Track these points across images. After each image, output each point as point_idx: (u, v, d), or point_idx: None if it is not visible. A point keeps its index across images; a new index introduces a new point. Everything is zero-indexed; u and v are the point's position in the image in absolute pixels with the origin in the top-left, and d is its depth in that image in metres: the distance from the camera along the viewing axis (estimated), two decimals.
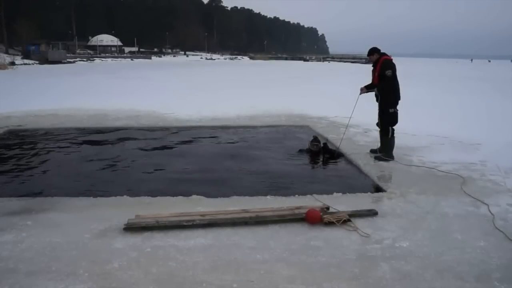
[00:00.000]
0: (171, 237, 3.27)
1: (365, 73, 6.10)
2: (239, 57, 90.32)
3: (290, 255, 3.04)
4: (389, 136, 5.69)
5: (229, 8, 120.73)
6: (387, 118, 5.63)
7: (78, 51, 67.54)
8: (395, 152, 5.80)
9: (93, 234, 3.32)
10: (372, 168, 5.42)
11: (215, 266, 2.86)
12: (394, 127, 5.71)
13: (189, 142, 7.30)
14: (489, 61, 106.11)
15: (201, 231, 3.38)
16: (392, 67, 5.53)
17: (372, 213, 3.80)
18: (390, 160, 5.62)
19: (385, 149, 5.75)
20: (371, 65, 5.89)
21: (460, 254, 3.09)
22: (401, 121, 5.74)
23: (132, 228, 3.38)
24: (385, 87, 5.53)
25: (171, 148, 6.86)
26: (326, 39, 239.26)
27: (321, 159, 6.10)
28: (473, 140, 7.14)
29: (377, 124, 5.89)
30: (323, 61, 79.95)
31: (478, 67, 54.86)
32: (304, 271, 2.81)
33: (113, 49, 75.75)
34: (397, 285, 2.67)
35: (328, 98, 12.83)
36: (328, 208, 3.85)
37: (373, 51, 5.74)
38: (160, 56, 75.63)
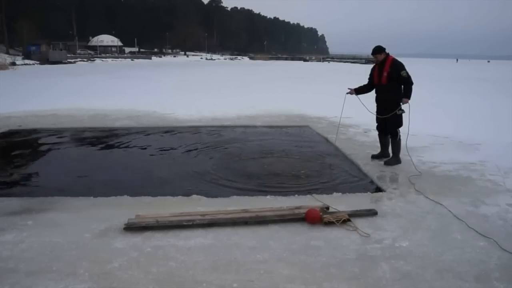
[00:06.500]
0: (171, 237, 3.28)
1: (365, 73, 6.10)
2: (239, 57, 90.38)
3: (290, 255, 3.04)
4: (398, 139, 5.54)
5: (229, 8, 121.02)
6: (397, 120, 5.44)
7: (78, 51, 67.67)
8: None
9: (93, 234, 3.32)
10: (372, 168, 5.43)
11: (215, 266, 2.87)
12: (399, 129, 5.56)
13: (189, 141, 7.29)
14: (488, 61, 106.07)
15: (201, 231, 3.39)
16: (404, 67, 5.36)
17: (372, 213, 3.80)
18: (399, 164, 5.51)
19: (394, 152, 5.60)
20: (375, 64, 5.61)
21: (460, 254, 3.09)
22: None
23: (132, 228, 3.39)
24: (393, 89, 5.35)
25: (171, 147, 6.86)
26: (326, 39, 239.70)
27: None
28: (473, 140, 7.15)
29: (378, 128, 5.77)
30: (322, 61, 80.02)
31: (478, 67, 54.91)
32: (304, 271, 2.81)
33: (113, 49, 75.92)
34: (397, 285, 2.67)
35: (328, 98, 12.82)
36: (328, 208, 3.85)
37: (381, 49, 5.44)
38: (160, 57, 75.66)
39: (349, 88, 5.82)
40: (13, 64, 38.39)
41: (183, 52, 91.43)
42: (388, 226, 3.56)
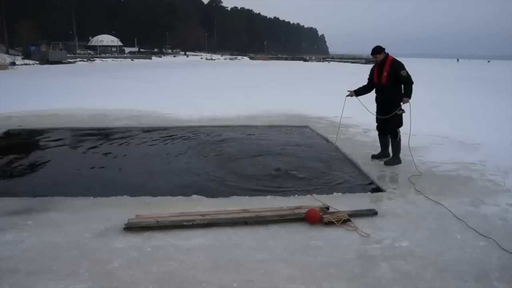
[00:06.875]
0: (171, 237, 3.28)
1: (365, 73, 6.10)
2: (239, 57, 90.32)
3: (290, 255, 3.04)
4: (397, 139, 5.54)
5: (229, 8, 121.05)
6: (397, 120, 5.44)
7: (78, 51, 67.71)
8: None
9: (93, 233, 3.33)
10: (372, 168, 5.43)
11: (215, 265, 2.87)
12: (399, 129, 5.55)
13: (189, 141, 7.29)
14: (489, 61, 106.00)
15: (201, 231, 3.39)
16: (404, 66, 5.36)
17: (372, 213, 3.80)
18: (399, 164, 5.51)
19: (394, 153, 5.60)
20: (374, 64, 5.61)
21: (460, 254, 3.09)
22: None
23: (132, 228, 3.39)
24: (393, 89, 5.35)
25: (171, 147, 6.86)
26: (326, 39, 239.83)
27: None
28: (473, 140, 7.15)
29: (378, 128, 5.77)
30: (322, 61, 79.95)
31: (478, 67, 54.91)
32: (304, 271, 2.82)
33: (113, 49, 75.93)
34: (397, 285, 2.67)
35: (328, 98, 12.82)
36: (328, 208, 3.85)
37: (381, 49, 5.43)
38: (160, 57, 75.61)
39: (348, 91, 5.82)
40: (13, 64, 38.39)
41: (183, 52, 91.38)
42: (388, 226, 3.56)
